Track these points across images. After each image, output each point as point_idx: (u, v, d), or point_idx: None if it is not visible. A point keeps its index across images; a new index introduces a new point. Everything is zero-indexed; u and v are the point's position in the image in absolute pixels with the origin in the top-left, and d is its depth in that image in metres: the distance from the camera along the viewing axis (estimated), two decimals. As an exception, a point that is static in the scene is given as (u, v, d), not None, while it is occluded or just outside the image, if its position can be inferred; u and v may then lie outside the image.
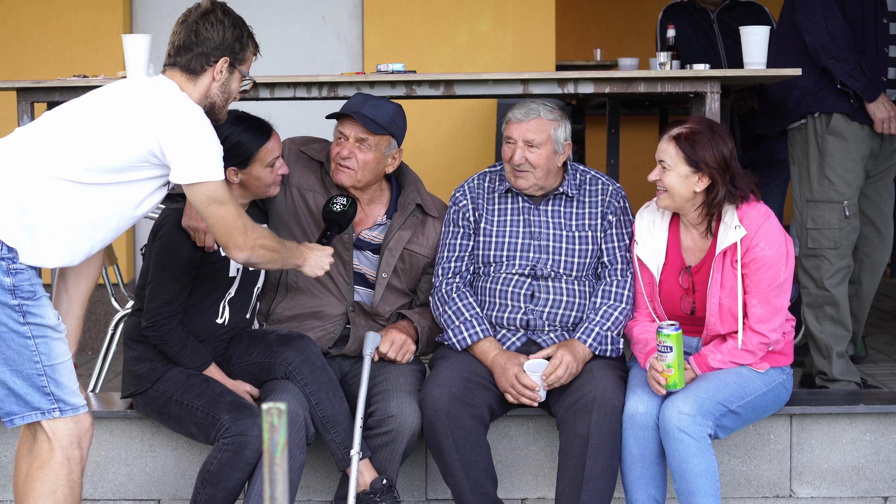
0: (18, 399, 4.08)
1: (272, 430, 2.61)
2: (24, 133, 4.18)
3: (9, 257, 4.02)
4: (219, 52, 4.31)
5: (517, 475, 5.29)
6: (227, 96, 4.37)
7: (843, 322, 5.80)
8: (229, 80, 4.35)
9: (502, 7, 8.19)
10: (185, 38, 4.31)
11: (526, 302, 5.05)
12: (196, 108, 4.18)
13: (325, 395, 4.82)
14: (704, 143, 4.75)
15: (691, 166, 4.75)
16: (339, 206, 4.89)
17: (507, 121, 5.08)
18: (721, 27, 6.89)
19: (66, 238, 4.12)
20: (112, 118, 4.14)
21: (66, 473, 4.16)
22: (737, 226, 4.75)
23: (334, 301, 5.13)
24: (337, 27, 8.28)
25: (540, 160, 5.02)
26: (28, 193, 4.05)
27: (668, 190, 4.80)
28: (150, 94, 4.20)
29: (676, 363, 4.66)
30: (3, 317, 4.02)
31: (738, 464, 5.29)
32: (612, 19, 10.67)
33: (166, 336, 4.83)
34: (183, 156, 4.09)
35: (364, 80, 5.41)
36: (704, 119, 4.98)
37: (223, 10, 4.36)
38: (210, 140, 4.14)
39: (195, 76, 4.30)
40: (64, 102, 5.34)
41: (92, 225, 4.15)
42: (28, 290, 4.06)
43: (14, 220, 4.04)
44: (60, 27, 8.11)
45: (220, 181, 4.14)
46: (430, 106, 7.59)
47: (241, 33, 4.36)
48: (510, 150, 5.05)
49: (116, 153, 4.08)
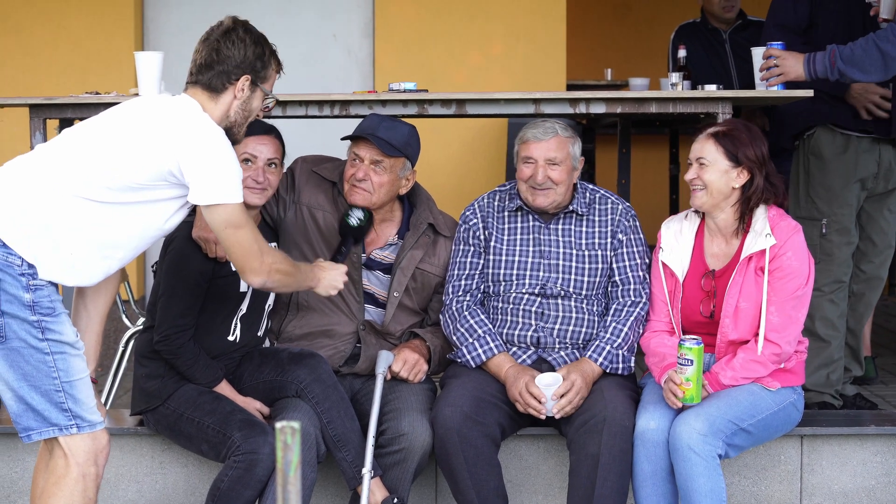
0: (36, 415, 4.08)
1: (286, 448, 2.60)
2: (45, 151, 4.18)
3: (29, 273, 4.03)
4: (240, 71, 4.30)
5: (527, 494, 5.29)
6: (248, 114, 4.36)
7: (818, 333, 5.84)
8: (251, 99, 4.34)
9: (513, 26, 8.20)
10: (206, 57, 4.31)
11: (536, 320, 5.05)
12: (217, 130, 4.18)
13: (336, 413, 4.82)
14: (744, 139, 4.84)
15: (731, 161, 4.82)
16: (356, 221, 4.89)
17: (525, 140, 5.08)
18: (733, 47, 6.90)
19: (86, 256, 4.12)
20: (133, 136, 4.14)
21: (81, 490, 4.16)
22: (768, 234, 4.81)
23: (345, 319, 5.13)
24: (348, 45, 8.30)
25: (562, 176, 5.04)
26: (49, 211, 4.06)
27: (707, 186, 4.84)
28: (171, 113, 4.20)
29: (695, 377, 4.66)
30: (22, 332, 4.03)
31: (748, 484, 5.28)
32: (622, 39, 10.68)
33: (178, 350, 4.83)
34: (202, 177, 4.09)
35: (376, 98, 5.42)
36: (738, 119, 5.09)
37: (245, 28, 4.35)
38: (229, 162, 4.14)
39: (217, 94, 4.30)
40: (76, 119, 5.42)
41: (112, 244, 4.16)
42: (48, 306, 4.06)
43: (35, 236, 4.04)
44: (72, 44, 8.13)
45: (237, 204, 4.14)
46: (441, 125, 7.59)
47: (263, 51, 4.35)
48: (530, 169, 5.06)
49: (137, 171, 4.09)
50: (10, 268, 4.01)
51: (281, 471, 2.61)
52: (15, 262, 4.02)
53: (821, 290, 5.84)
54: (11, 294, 4.01)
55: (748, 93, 5.54)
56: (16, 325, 4.02)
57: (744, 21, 7.00)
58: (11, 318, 4.01)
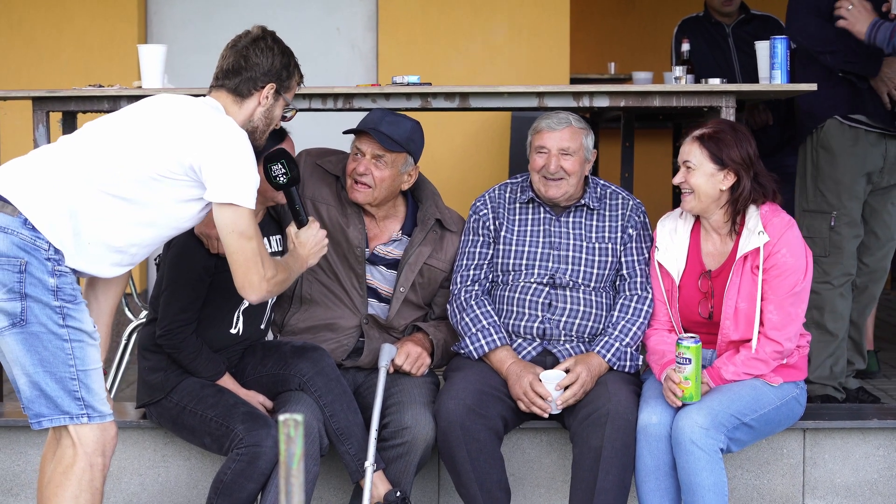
0: (49, 401, 4.09)
1: (289, 441, 2.60)
2: (70, 143, 4.22)
3: (55, 259, 4.06)
4: (266, 78, 4.38)
5: (530, 488, 5.29)
6: (270, 122, 4.44)
7: (827, 327, 5.87)
8: (273, 107, 4.42)
9: (516, 20, 8.20)
10: (234, 63, 4.38)
11: (543, 311, 5.05)
12: (241, 133, 4.22)
13: (339, 406, 4.82)
14: (728, 141, 4.80)
15: (716, 164, 4.79)
16: (282, 177, 4.62)
17: (538, 130, 5.09)
18: (736, 41, 6.90)
19: (100, 249, 4.16)
20: (158, 131, 4.18)
21: (88, 480, 4.17)
22: (760, 231, 4.78)
23: (348, 313, 5.14)
24: (351, 39, 8.30)
25: (574, 167, 5.05)
26: (73, 202, 4.09)
27: (695, 190, 4.82)
28: (198, 111, 4.25)
29: (694, 376, 4.66)
30: (43, 317, 4.04)
31: (751, 478, 5.28)
32: (625, 33, 10.67)
33: (180, 344, 4.83)
34: (220, 175, 4.13)
35: (379, 91, 5.41)
36: (725, 120, 5.05)
37: (273, 38, 4.45)
38: (249, 167, 4.18)
39: (242, 99, 4.38)
40: (79, 112, 5.42)
41: (129, 240, 4.20)
42: (70, 293, 4.09)
43: (62, 223, 4.07)
44: (75, 37, 8.13)
45: (249, 210, 4.17)
46: (444, 118, 7.59)
47: (289, 62, 4.44)
48: (543, 159, 5.06)
49: (158, 164, 4.12)
50: (38, 251, 4.03)
51: (284, 463, 2.60)
52: (42, 245, 4.04)
53: (830, 283, 5.85)
54: (37, 278, 4.03)
55: (752, 86, 5.55)
56: (38, 309, 4.03)
57: (747, 15, 6.99)
58: (34, 301, 4.03)
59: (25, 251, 4.02)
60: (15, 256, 4.01)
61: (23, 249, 4.02)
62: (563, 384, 4.89)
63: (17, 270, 4.01)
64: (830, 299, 5.86)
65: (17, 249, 4.01)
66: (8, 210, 4.04)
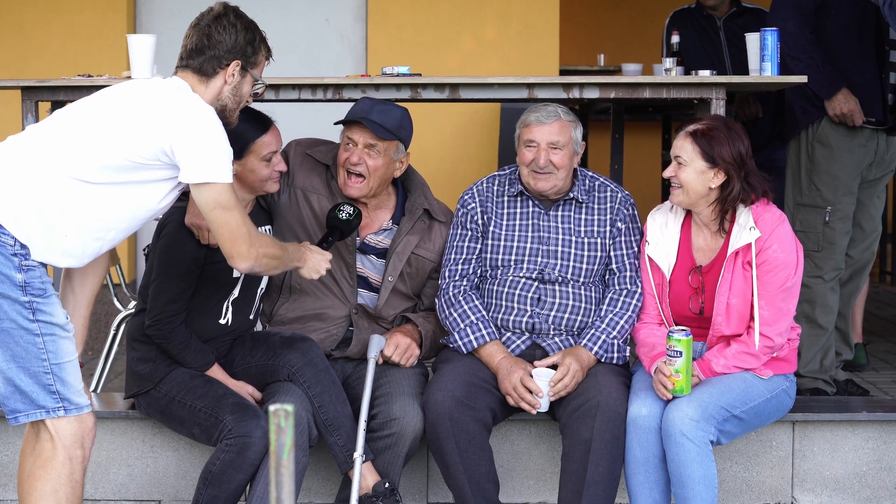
0: (24, 396, 4.07)
1: (279, 431, 2.59)
2: (37, 132, 4.18)
3: (21, 253, 4.02)
4: (231, 56, 4.33)
5: (519, 479, 5.29)
6: (239, 99, 4.39)
7: (818, 321, 5.89)
8: (241, 84, 4.37)
9: (506, 12, 8.19)
10: (197, 42, 4.33)
11: (532, 305, 5.04)
12: (209, 110, 4.19)
13: (328, 397, 4.82)
14: (721, 139, 4.77)
15: (707, 162, 4.76)
16: (346, 215, 4.89)
17: (527, 124, 5.06)
18: (727, 34, 6.90)
19: (78, 237, 4.12)
20: (126, 116, 4.14)
21: (68, 473, 4.15)
22: (752, 227, 4.77)
23: (337, 303, 5.13)
24: (341, 30, 8.28)
25: (563, 161, 5.03)
26: (43, 192, 4.05)
27: (684, 186, 4.80)
28: (163, 93, 4.21)
29: (685, 369, 4.65)
30: (13, 313, 4.02)
31: (739, 470, 5.29)
32: (614, 25, 10.67)
33: (169, 335, 4.82)
34: (193, 155, 4.10)
35: (369, 82, 5.40)
36: (720, 117, 5.02)
37: (235, 13, 4.38)
38: (221, 142, 4.14)
39: (207, 78, 4.32)
40: (68, 102, 5.37)
41: (104, 225, 4.15)
42: (39, 287, 4.05)
43: (28, 216, 4.04)
44: (63, 26, 8.11)
45: (227, 184, 4.14)
46: (434, 110, 7.59)
47: (254, 37, 4.38)
48: (532, 152, 5.04)
49: (129, 150, 4.09)
50: (3, 247, 4.00)
51: (274, 454, 2.59)
52: (7, 241, 4.01)
53: (822, 277, 5.87)
54: (4, 274, 4.00)
55: (742, 78, 5.54)
56: (7, 305, 4.01)
57: (738, 8, 6.99)
58: (3, 298, 4.01)
59: None
60: None
61: None
62: (555, 380, 4.88)
63: None
64: (822, 293, 5.87)
65: None
66: None
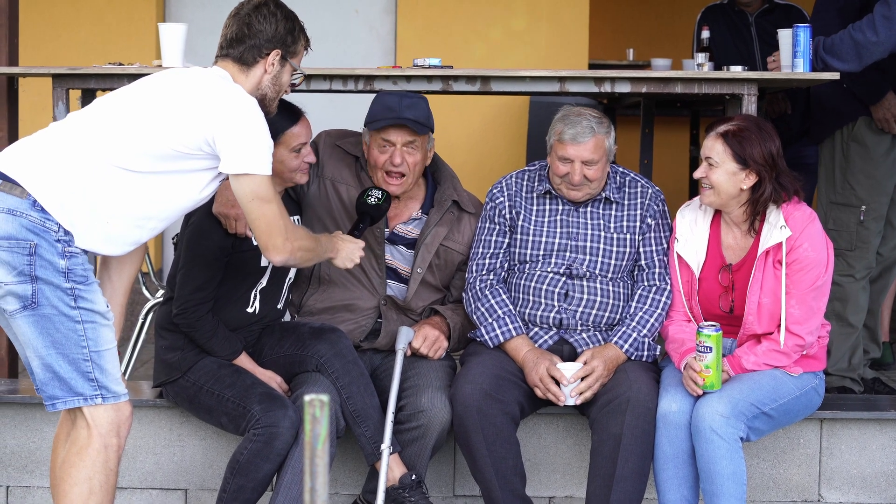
0: (62, 383, 4.08)
1: (314, 421, 2.59)
2: (81, 119, 4.18)
3: (65, 240, 4.03)
4: (271, 45, 4.33)
5: (545, 473, 5.28)
6: (279, 89, 4.39)
7: (848, 319, 5.89)
8: (281, 73, 4.37)
9: (536, 4, 8.18)
10: (237, 31, 4.34)
11: (560, 301, 5.03)
12: (251, 101, 4.19)
13: (356, 388, 4.81)
14: (752, 140, 4.73)
15: (739, 163, 4.73)
16: (374, 200, 4.88)
17: (562, 140, 4.96)
18: (759, 30, 6.87)
19: (119, 224, 4.13)
20: (169, 105, 4.15)
21: (102, 461, 4.16)
22: (782, 226, 4.74)
23: (366, 294, 5.12)
24: (370, 21, 8.28)
25: (598, 174, 4.99)
26: (86, 179, 4.06)
27: (714, 187, 4.77)
28: (206, 83, 4.22)
29: (715, 364, 4.64)
30: (55, 299, 4.02)
31: (767, 467, 5.27)
32: (644, 20, 10.63)
33: (196, 323, 4.83)
34: (234, 146, 4.10)
35: (401, 73, 5.39)
36: (751, 116, 4.98)
37: (276, 3, 4.39)
38: (262, 134, 4.15)
39: (247, 68, 4.33)
40: (99, 90, 5.40)
41: (144, 213, 4.16)
42: (81, 274, 4.06)
43: (72, 203, 4.04)
44: (93, 15, 8.12)
45: (266, 177, 4.15)
46: (462, 102, 7.58)
47: (294, 26, 4.39)
48: (567, 167, 4.98)
49: (172, 140, 4.10)
50: (47, 233, 4.01)
51: (309, 444, 2.59)
52: (52, 227, 4.02)
53: (853, 276, 5.86)
54: (47, 260, 4.01)
55: (774, 74, 5.51)
56: (49, 291, 4.02)
57: (770, 4, 6.97)
58: (45, 284, 4.01)
59: (35, 233, 4.00)
60: (24, 239, 3.99)
61: (32, 232, 4.00)
62: (579, 375, 4.87)
63: (27, 253, 3.99)
64: (853, 292, 5.85)
65: (27, 232, 3.99)
66: (16, 192, 4.01)
